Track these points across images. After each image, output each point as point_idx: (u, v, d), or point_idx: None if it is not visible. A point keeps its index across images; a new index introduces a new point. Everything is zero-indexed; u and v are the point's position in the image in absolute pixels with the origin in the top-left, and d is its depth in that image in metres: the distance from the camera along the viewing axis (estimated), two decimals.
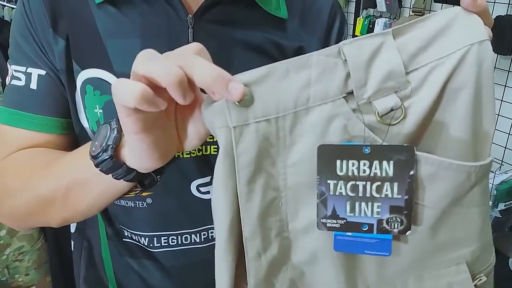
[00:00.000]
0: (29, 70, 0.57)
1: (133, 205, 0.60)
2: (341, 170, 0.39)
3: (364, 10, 2.33)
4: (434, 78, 0.37)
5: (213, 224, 0.42)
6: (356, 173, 0.38)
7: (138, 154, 0.42)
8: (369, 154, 0.38)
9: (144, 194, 0.58)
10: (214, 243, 0.42)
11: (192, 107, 0.42)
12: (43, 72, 0.56)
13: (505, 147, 1.92)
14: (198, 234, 0.62)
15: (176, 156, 0.56)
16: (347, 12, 2.49)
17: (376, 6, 2.22)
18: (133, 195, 0.51)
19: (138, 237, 0.62)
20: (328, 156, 0.38)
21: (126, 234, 0.63)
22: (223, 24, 0.56)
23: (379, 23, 2.25)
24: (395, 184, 0.38)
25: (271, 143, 0.39)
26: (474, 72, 0.37)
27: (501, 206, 1.80)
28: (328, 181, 0.39)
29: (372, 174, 0.38)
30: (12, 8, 1.75)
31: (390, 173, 0.38)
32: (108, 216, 0.63)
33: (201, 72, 0.35)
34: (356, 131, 0.38)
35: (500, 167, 1.89)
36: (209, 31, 0.55)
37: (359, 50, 0.37)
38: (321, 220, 0.40)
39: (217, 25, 0.56)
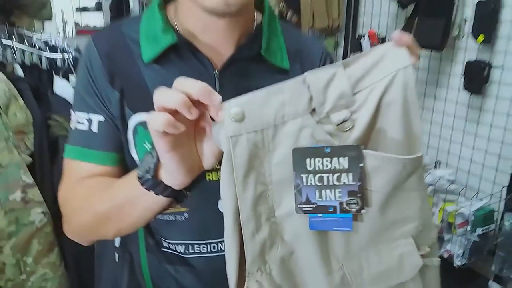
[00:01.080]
0: (91, 116, 0.69)
1: (174, 219, 0.72)
2: (310, 166, 0.50)
3: (352, 53, 2.50)
4: (372, 97, 0.49)
5: None
6: (321, 167, 0.50)
7: (170, 171, 0.54)
8: (330, 153, 0.49)
9: (182, 209, 0.71)
10: None
11: (205, 131, 0.54)
12: (102, 118, 0.69)
13: (481, 177, 2.01)
14: (223, 243, 0.71)
15: (208, 180, 0.68)
16: (336, 55, 2.66)
17: (362, 50, 2.39)
18: (171, 210, 0.62)
19: (175, 245, 0.73)
20: (300, 156, 0.50)
21: (164, 245, 0.74)
22: (241, 76, 0.69)
23: None
24: (350, 174, 0.49)
25: (259, 148, 0.50)
26: (401, 90, 0.49)
27: (479, 231, 1.84)
28: (301, 175, 0.50)
29: (333, 168, 0.49)
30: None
31: (346, 166, 0.49)
32: (150, 230, 0.75)
33: (193, 88, 0.47)
34: (320, 137, 0.50)
35: (476, 195, 1.97)
36: (231, 82, 0.69)
37: (318, 78, 0.50)
38: (298, 206, 0.51)
39: (237, 77, 0.69)
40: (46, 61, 2.09)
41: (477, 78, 1.94)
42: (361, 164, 0.49)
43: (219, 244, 0.73)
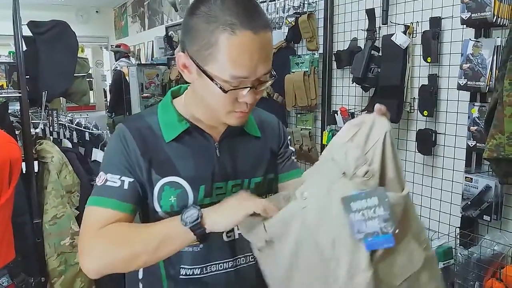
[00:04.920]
0: (123, 178, 0.82)
1: (191, 250, 0.87)
2: (355, 207, 0.64)
3: (328, 126, 2.68)
4: (377, 153, 0.66)
5: (233, 257, 0.83)
6: (362, 206, 0.64)
7: (223, 227, 0.76)
8: (365, 196, 0.64)
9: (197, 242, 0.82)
10: (237, 268, 0.81)
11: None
12: (132, 180, 0.82)
13: (439, 221, 2.16)
14: (226, 263, 0.89)
15: None
16: (315, 127, 2.82)
17: (336, 123, 2.58)
18: (192, 244, 0.80)
19: (193, 270, 0.87)
20: (347, 202, 0.65)
21: (182, 272, 0.88)
22: (232, 144, 0.91)
23: None
24: (381, 207, 0.63)
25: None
26: (389, 143, 0.66)
27: (440, 265, 1.94)
28: (350, 215, 0.64)
29: (369, 205, 0.64)
30: None
31: (377, 202, 0.63)
32: (170, 262, 0.87)
33: (270, 208, 0.69)
34: (354, 187, 0.65)
35: (438, 235, 2.11)
36: (226, 148, 0.90)
37: (339, 154, 0.67)
38: (354, 236, 0.64)
39: (229, 145, 0.90)
40: (78, 135, 2.22)
41: (427, 142, 2.14)
42: (387, 199, 0.63)
43: (224, 264, 0.89)
